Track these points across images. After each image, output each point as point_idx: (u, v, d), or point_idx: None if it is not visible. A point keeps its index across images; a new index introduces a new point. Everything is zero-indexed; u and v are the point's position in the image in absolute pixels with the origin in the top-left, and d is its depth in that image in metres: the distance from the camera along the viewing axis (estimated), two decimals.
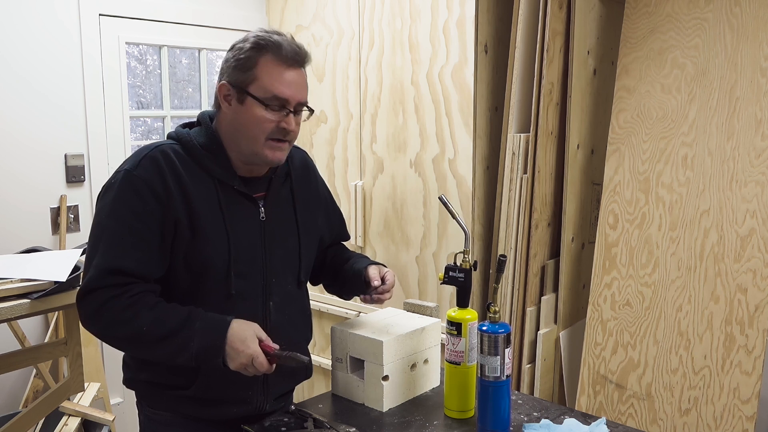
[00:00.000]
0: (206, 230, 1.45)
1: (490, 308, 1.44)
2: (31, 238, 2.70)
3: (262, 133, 1.45)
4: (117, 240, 1.41)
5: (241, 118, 1.46)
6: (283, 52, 1.44)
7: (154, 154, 1.45)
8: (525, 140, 2.25)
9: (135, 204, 1.41)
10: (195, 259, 1.45)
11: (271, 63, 1.44)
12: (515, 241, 2.27)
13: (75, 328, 2.04)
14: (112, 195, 1.43)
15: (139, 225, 1.41)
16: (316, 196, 1.71)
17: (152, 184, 1.42)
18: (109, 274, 1.39)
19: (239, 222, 1.50)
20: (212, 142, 1.49)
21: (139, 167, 1.43)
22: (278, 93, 1.44)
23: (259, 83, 1.44)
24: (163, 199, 1.42)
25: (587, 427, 1.47)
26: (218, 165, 1.49)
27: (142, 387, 1.56)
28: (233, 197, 1.50)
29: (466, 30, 2.66)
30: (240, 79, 1.45)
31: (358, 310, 3.16)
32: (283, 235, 1.58)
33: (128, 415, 3.02)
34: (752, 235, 1.98)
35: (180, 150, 1.48)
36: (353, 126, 3.14)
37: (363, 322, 1.71)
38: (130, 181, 1.42)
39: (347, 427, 1.49)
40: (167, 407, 1.54)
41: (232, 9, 3.36)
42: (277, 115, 1.45)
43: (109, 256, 1.40)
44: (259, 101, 1.44)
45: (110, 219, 1.42)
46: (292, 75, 1.46)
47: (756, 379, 1.93)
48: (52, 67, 2.79)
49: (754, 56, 2.05)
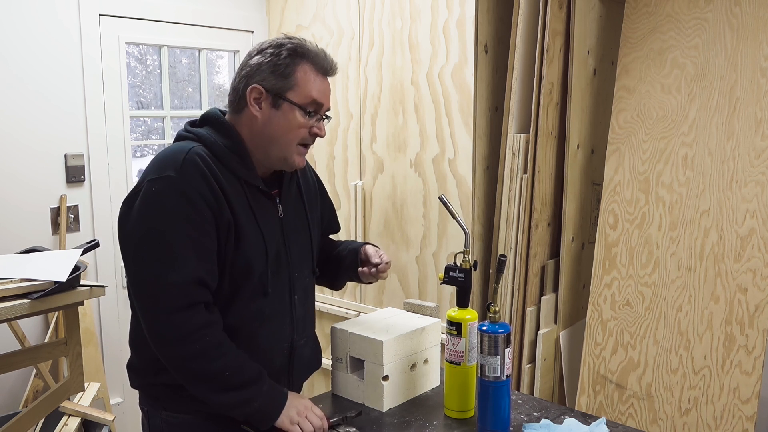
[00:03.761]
0: (246, 232, 1.46)
1: (490, 308, 1.44)
2: (31, 238, 2.70)
3: (296, 138, 1.49)
4: (184, 252, 1.37)
5: (275, 122, 1.47)
6: (320, 61, 1.49)
7: (192, 158, 1.41)
8: (525, 140, 2.25)
9: (189, 212, 1.38)
10: (238, 262, 1.46)
11: (311, 71, 1.48)
12: (515, 241, 2.27)
13: (75, 328, 2.04)
14: (163, 205, 1.38)
15: (199, 234, 1.39)
16: (314, 189, 1.74)
17: (201, 190, 1.39)
18: (196, 286, 1.37)
19: (266, 221, 1.52)
20: (236, 144, 1.49)
21: (183, 173, 1.39)
22: (317, 99, 1.48)
23: (299, 89, 1.46)
24: (213, 205, 1.40)
25: (587, 427, 1.47)
26: (244, 166, 1.49)
27: (161, 390, 1.52)
28: (257, 197, 1.51)
29: (466, 30, 2.66)
30: (277, 84, 1.46)
31: (358, 310, 3.16)
32: (298, 230, 1.61)
33: (128, 415, 3.02)
34: (752, 235, 1.98)
35: (207, 152, 1.46)
36: (353, 126, 3.14)
37: (363, 322, 1.71)
38: (179, 189, 1.38)
39: (347, 427, 1.49)
40: (189, 409, 1.51)
41: (232, 9, 3.36)
42: (311, 121, 1.49)
43: (187, 269, 1.37)
44: (299, 107, 1.46)
45: (172, 232, 1.37)
46: (326, 83, 1.51)
47: (756, 379, 1.93)
48: (52, 67, 2.79)
49: (754, 56, 2.05)
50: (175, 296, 1.36)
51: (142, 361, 1.54)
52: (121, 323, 3.03)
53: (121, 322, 3.04)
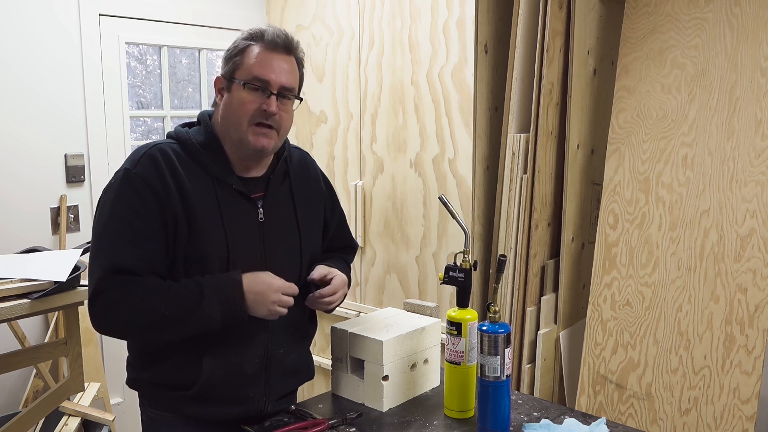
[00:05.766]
0: (203, 227, 1.46)
1: (490, 308, 1.44)
2: (31, 238, 2.70)
3: (245, 115, 1.47)
4: (119, 238, 1.42)
5: (228, 104, 1.50)
6: (266, 37, 1.49)
7: (153, 152, 1.46)
8: (525, 140, 2.25)
9: (134, 202, 1.42)
10: (193, 256, 1.46)
11: (255, 48, 1.50)
12: (515, 241, 2.27)
13: (75, 328, 2.04)
14: (112, 194, 1.44)
15: (140, 223, 1.42)
16: (317, 190, 1.71)
17: (150, 181, 1.43)
18: (114, 273, 1.40)
19: (236, 220, 1.51)
20: (211, 141, 1.52)
21: (138, 166, 1.45)
22: (258, 74, 1.47)
23: (243, 68, 1.49)
24: (162, 196, 1.43)
25: (587, 427, 1.47)
26: (216, 163, 1.50)
27: (145, 387, 1.57)
28: (231, 196, 1.51)
29: (466, 30, 2.66)
30: (228, 68, 1.51)
31: (358, 310, 3.16)
32: (284, 234, 1.58)
33: (128, 415, 3.02)
34: (752, 235, 1.98)
35: (178, 149, 1.50)
36: (353, 126, 3.14)
37: (363, 322, 1.71)
38: (130, 180, 1.44)
39: (347, 427, 1.49)
40: (168, 407, 1.54)
41: (232, 9, 3.36)
42: (259, 97, 1.48)
43: (113, 254, 1.41)
44: (243, 83, 1.47)
45: (111, 218, 1.43)
46: (275, 59, 1.50)
47: (756, 379, 1.93)
48: (52, 68, 2.79)
49: (754, 56, 2.05)
50: (98, 281, 1.40)
51: (132, 356, 1.59)
52: None
53: None
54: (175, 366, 1.49)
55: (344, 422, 1.51)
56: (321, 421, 1.48)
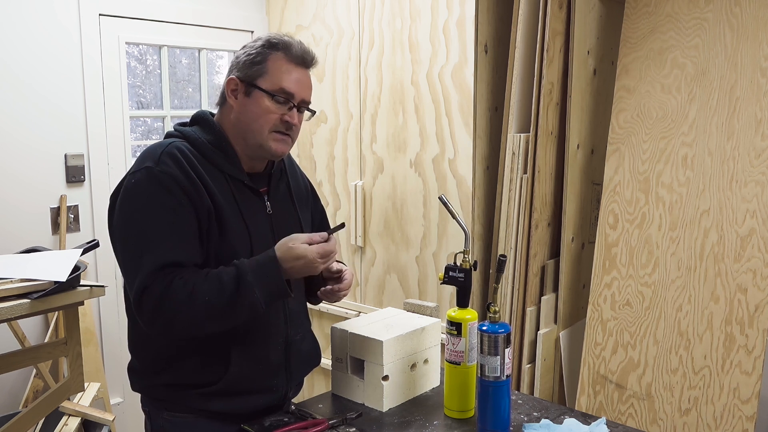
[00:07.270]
0: (230, 222, 1.48)
1: (490, 308, 1.44)
2: (31, 238, 2.70)
3: (267, 124, 1.51)
4: (160, 238, 1.41)
5: (247, 109, 1.52)
6: (293, 51, 1.53)
7: (171, 150, 1.46)
8: (525, 140, 2.25)
9: (167, 199, 1.42)
10: (223, 252, 1.48)
11: (281, 60, 1.52)
12: (515, 241, 2.27)
13: (75, 328, 2.04)
14: (141, 195, 1.43)
15: (177, 219, 1.42)
16: (305, 192, 1.76)
17: (178, 179, 1.43)
18: (160, 270, 1.39)
19: (253, 215, 1.54)
20: (219, 139, 1.53)
21: (161, 164, 1.44)
22: (285, 87, 1.51)
23: (268, 77, 1.51)
24: (191, 193, 1.44)
25: (587, 427, 1.47)
26: (227, 161, 1.53)
27: (163, 391, 1.54)
28: (243, 192, 1.54)
29: (466, 30, 2.66)
30: (249, 73, 1.51)
31: (358, 310, 3.16)
32: (288, 228, 1.61)
33: (128, 415, 3.02)
34: (752, 235, 1.98)
35: (189, 147, 1.51)
36: (353, 126, 3.14)
37: (363, 322, 1.71)
38: (157, 178, 1.43)
39: (347, 427, 1.49)
40: (191, 408, 1.53)
41: (232, 9, 3.36)
42: (282, 109, 1.52)
43: (158, 254, 1.40)
44: (267, 93, 1.50)
45: (147, 219, 1.42)
46: (299, 73, 1.54)
47: (756, 379, 1.93)
48: (52, 67, 2.79)
49: (754, 56, 2.05)
50: (142, 278, 1.39)
51: (142, 362, 1.56)
52: (121, 323, 3.03)
53: (121, 322, 3.03)
54: (202, 363, 1.50)
55: (344, 422, 1.51)
56: (321, 421, 1.48)
